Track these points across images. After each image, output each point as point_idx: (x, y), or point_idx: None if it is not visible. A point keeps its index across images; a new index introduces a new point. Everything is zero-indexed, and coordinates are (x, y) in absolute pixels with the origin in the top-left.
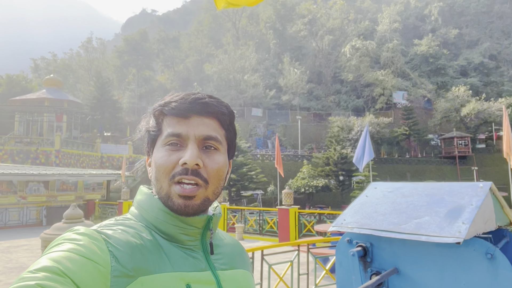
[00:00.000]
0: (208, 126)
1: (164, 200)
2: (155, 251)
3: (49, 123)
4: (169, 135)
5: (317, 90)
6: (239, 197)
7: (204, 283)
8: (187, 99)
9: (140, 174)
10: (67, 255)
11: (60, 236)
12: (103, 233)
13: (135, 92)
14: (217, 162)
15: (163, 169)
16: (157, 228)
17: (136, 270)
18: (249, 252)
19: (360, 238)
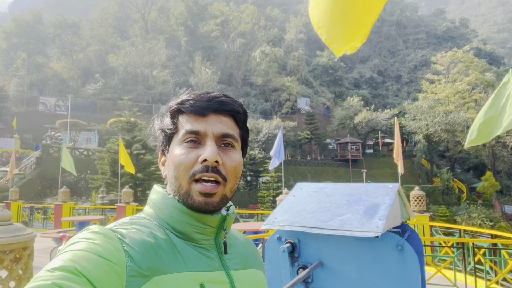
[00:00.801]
0: (225, 124)
1: (184, 198)
2: (170, 251)
3: None
4: (187, 132)
5: (228, 91)
6: (145, 197)
7: (218, 283)
8: (204, 97)
9: (30, 172)
10: (83, 254)
11: (77, 235)
12: (118, 232)
13: (24, 79)
14: (234, 159)
15: (182, 167)
16: (171, 227)
17: (151, 270)
18: None
19: (289, 234)
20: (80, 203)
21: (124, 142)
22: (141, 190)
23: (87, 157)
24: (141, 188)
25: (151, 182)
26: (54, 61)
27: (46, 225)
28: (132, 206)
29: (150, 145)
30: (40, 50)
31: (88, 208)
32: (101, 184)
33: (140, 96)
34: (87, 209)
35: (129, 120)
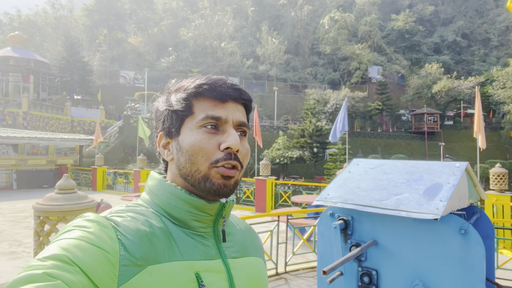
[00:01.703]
0: (241, 112)
1: (200, 182)
2: (165, 239)
3: (15, 83)
4: (209, 117)
5: (295, 61)
6: None
7: (214, 272)
8: (223, 83)
9: (113, 140)
10: (76, 243)
11: (70, 223)
12: (112, 221)
13: (106, 54)
14: (247, 148)
15: (203, 152)
16: (168, 213)
17: (144, 259)
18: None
19: (342, 211)
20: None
21: None
22: None
23: None
24: None
25: None
26: (131, 36)
27: (127, 189)
28: None
29: None
30: (119, 26)
31: None
32: None
33: (209, 68)
34: None
35: None
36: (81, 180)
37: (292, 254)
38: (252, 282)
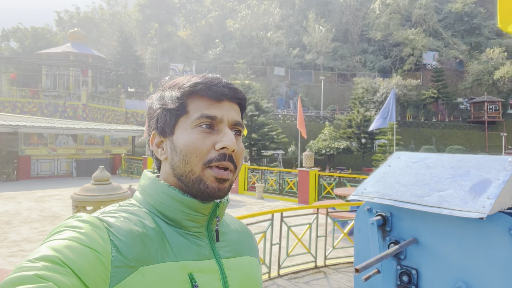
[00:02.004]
0: (236, 111)
1: (194, 183)
2: (158, 240)
3: (75, 77)
4: (204, 116)
5: (343, 49)
6: (260, 157)
7: (207, 272)
8: (218, 82)
9: None
10: (68, 244)
11: (62, 223)
12: (105, 221)
13: (157, 48)
14: (242, 148)
15: (197, 153)
16: (161, 213)
17: (137, 260)
18: (269, 214)
19: (380, 207)
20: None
21: None
22: (256, 150)
23: None
24: (255, 148)
25: (264, 143)
26: (181, 29)
27: None
28: (244, 165)
29: (263, 107)
30: (169, 20)
31: None
32: None
33: (255, 59)
34: None
35: (243, 82)
36: (133, 169)
37: (332, 248)
38: (246, 282)
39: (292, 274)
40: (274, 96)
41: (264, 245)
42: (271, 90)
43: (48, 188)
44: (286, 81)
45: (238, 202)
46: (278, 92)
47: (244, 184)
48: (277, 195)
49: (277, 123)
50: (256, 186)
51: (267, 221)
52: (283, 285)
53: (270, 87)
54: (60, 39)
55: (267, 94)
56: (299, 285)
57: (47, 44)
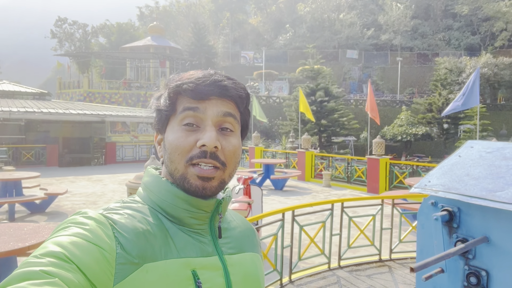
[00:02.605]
0: (225, 106)
1: (180, 182)
2: (161, 237)
3: (154, 69)
4: (186, 108)
5: (423, 26)
6: (329, 143)
7: (211, 269)
8: (206, 80)
9: None
10: (73, 240)
11: (67, 219)
12: (109, 218)
13: (229, 36)
14: (234, 144)
15: (180, 150)
16: (164, 210)
17: (141, 257)
18: (328, 204)
19: (447, 201)
20: (273, 146)
21: (309, 89)
22: (326, 136)
23: (279, 104)
24: (325, 134)
25: (335, 129)
26: (251, 16)
27: (243, 164)
28: (311, 152)
29: (333, 92)
30: (240, 8)
31: (275, 151)
32: (289, 130)
33: (327, 42)
34: (274, 152)
35: (313, 67)
36: None
37: (398, 241)
38: (249, 278)
39: (354, 266)
40: (346, 81)
41: (324, 235)
42: (342, 75)
43: (130, 172)
44: (359, 64)
45: (304, 190)
46: (351, 76)
47: (311, 172)
48: (345, 183)
49: (349, 108)
50: (323, 174)
51: (327, 211)
52: (343, 276)
53: (341, 71)
54: (142, 33)
55: (339, 78)
56: (361, 277)
57: (131, 38)
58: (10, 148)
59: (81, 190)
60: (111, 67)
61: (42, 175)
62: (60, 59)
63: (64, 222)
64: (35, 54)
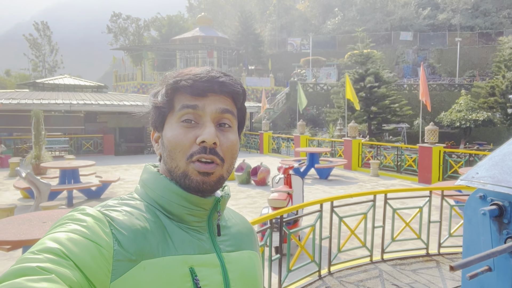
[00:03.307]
0: (223, 103)
1: (180, 178)
2: (159, 234)
3: (202, 59)
4: (184, 106)
5: (486, 3)
6: (380, 131)
7: (208, 266)
8: (203, 77)
9: (281, 106)
10: (71, 237)
11: (65, 216)
12: (107, 215)
13: (275, 23)
14: (231, 140)
15: (180, 148)
16: (163, 207)
17: (138, 254)
18: (370, 195)
19: (497, 195)
20: (320, 135)
21: (357, 75)
22: (376, 123)
23: (326, 91)
24: (375, 122)
25: (386, 116)
26: (299, 2)
27: (289, 153)
28: (358, 140)
29: (384, 77)
30: None
31: (320, 140)
32: (337, 118)
33: (378, 25)
34: (319, 141)
35: (362, 52)
36: (251, 144)
37: (448, 235)
38: (247, 275)
39: (398, 260)
40: (399, 65)
41: (365, 227)
42: (395, 58)
43: None
44: (413, 47)
45: (350, 179)
46: (404, 59)
47: (358, 161)
48: (394, 172)
49: (402, 94)
50: (371, 163)
51: (369, 202)
52: (386, 270)
53: (394, 54)
54: (191, 25)
55: (391, 62)
56: (405, 272)
57: (180, 30)
58: (72, 138)
59: (133, 178)
60: (162, 59)
61: (99, 164)
62: (116, 53)
63: (61, 218)
64: (94, 49)
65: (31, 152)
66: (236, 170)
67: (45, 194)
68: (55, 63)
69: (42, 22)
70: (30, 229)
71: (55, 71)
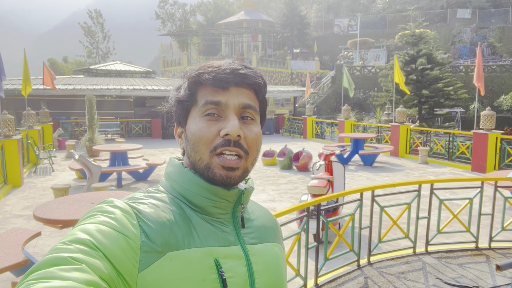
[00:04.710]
0: (246, 95)
1: (204, 171)
2: (185, 226)
3: (247, 43)
4: (208, 102)
5: None
6: (431, 116)
7: (233, 258)
8: (225, 69)
9: (326, 90)
10: (100, 228)
11: (94, 208)
12: (134, 207)
13: (322, 4)
14: (255, 132)
15: (203, 141)
16: (187, 200)
17: (165, 246)
18: (415, 184)
19: None
20: (366, 120)
21: (408, 57)
22: (427, 108)
23: (374, 74)
24: (426, 106)
25: (438, 100)
26: None
27: (333, 138)
28: (406, 126)
29: (437, 59)
30: None
31: (366, 125)
32: (385, 102)
33: (433, 2)
34: (365, 126)
35: (413, 32)
36: (294, 129)
37: (501, 229)
38: (271, 267)
39: (444, 252)
40: (455, 45)
41: (408, 217)
42: (451, 38)
43: None
44: (472, 25)
45: (397, 166)
46: (461, 39)
47: (406, 147)
48: (444, 160)
49: (457, 76)
50: (419, 150)
51: (414, 192)
52: (429, 262)
53: (450, 34)
54: (236, 8)
55: (446, 42)
56: (451, 265)
57: (226, 14)
58: (122, 122)
59: None
60: (208, 43)
61: (147, 147)
62: (163, 39)
63: (91, 210)
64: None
65: (85, 135)
66: (278, 155)
67: (96, 175)
68: (107, 49)
69: (95, 10)
70: (79, 209)
71: (108, 57)
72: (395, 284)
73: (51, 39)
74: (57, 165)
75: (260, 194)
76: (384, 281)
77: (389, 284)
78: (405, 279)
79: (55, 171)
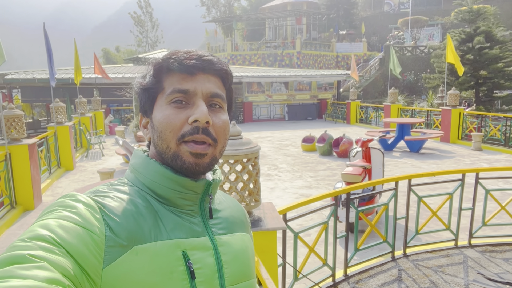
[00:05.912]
0: (214, 83)
1: (172, 160)
2: (151, 219)
3: (291, 27)
4: (176, 91)
5: None
6: (489, 98)
7: (201, 249)
8: (192, 55)
9: (374, 73)
10: (62, 223)
11: (55, 202)
12: (98, 201)
13: None
14: (223, 120)
15: (170, 128)
16: (154, 192)
17: (130, 240)
18: (459, 173)
19: None
20: (417, 103)
21: (464, 35)
22: (485, 89)
23: (427, 55)
24: (485, 88)
25: (498, 81)
26: None
27: (378, 123)
28: (458, 110)
29: (497, 36)
30: None
31: (415, 109)
32: (438, 84)
33: None
34: (413, 110)
35: (471, 8)
36: (338, 113)
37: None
38: (239, 257)
39: (489, 246)
40: None
41: (450, 208)
42: None
43: (264, 130)
44: None
45: (447, 153)
46: None
47: (458, 132)
48: (501, 146)
49: None
50: (473, 135)
51: (457, 181)
52: (472, 256)
53: None
54: None
55: (509, 19)
56: (495, 260)
57: None
58: None
59: None
60: (252, 28)
61: None
62: (208, 26)
63: (51, 205)
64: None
65: (133, 122)
66: (318, 141)
67: None
68: (156, 38)
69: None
70: None
71: (156, 46)
72: (431, 278)
73: (106, 30)
74: (107, 150)
75: (297, 181)
76: (419, 274)
77: (425, 277)
78: (443, 273)
79: (105, 156)
